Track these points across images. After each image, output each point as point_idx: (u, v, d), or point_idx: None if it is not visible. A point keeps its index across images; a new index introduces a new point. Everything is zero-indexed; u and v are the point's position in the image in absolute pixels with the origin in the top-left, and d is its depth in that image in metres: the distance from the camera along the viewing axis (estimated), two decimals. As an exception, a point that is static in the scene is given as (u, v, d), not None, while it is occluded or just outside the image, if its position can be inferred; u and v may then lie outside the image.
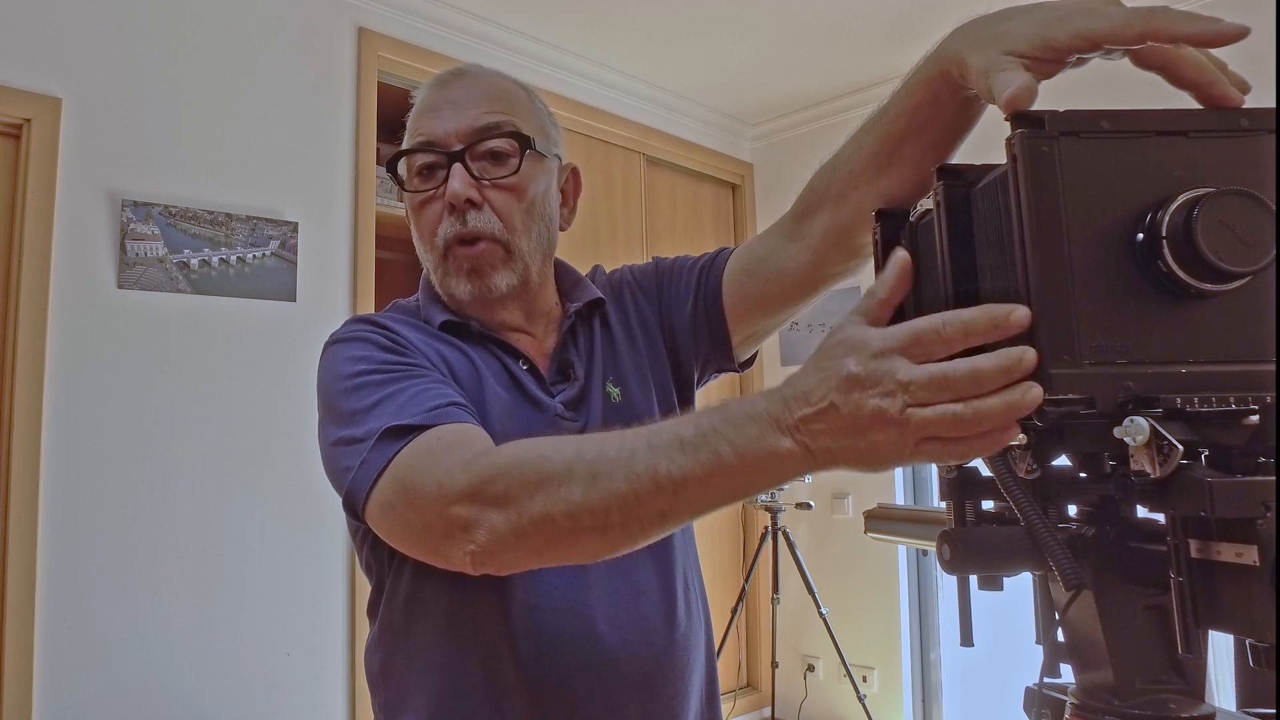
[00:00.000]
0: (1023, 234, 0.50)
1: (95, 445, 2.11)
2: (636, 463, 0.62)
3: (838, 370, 0.54)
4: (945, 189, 0.58)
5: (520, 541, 0.67)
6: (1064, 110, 0.51)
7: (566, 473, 0.65)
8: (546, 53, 3.21)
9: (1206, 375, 0.49)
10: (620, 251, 3.50)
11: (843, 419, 0.54)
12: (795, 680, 3.71)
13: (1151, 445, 0.46)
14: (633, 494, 0.62)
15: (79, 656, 2.04)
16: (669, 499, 0.61)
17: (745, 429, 0.58)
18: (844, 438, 0.54)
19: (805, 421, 0.55)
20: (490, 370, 0.92)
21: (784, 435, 0.57)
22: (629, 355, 1.02)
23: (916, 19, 3.07)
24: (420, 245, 0.96)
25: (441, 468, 0.71)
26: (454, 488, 0.69)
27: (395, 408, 0.78)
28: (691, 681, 0.95)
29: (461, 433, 0.76)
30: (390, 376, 0.82)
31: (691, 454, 0.60)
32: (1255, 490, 0.44)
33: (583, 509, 0.64)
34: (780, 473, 0.58)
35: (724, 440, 0.59)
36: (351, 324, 0.93)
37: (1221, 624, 0.46)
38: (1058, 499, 0.58)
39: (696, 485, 0.60)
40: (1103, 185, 0.51)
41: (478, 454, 0.71)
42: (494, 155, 0.93)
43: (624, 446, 0.64)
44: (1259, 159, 0.51)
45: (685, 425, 0.62)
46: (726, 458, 0.59)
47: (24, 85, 2.06)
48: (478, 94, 0.94)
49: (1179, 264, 0.48)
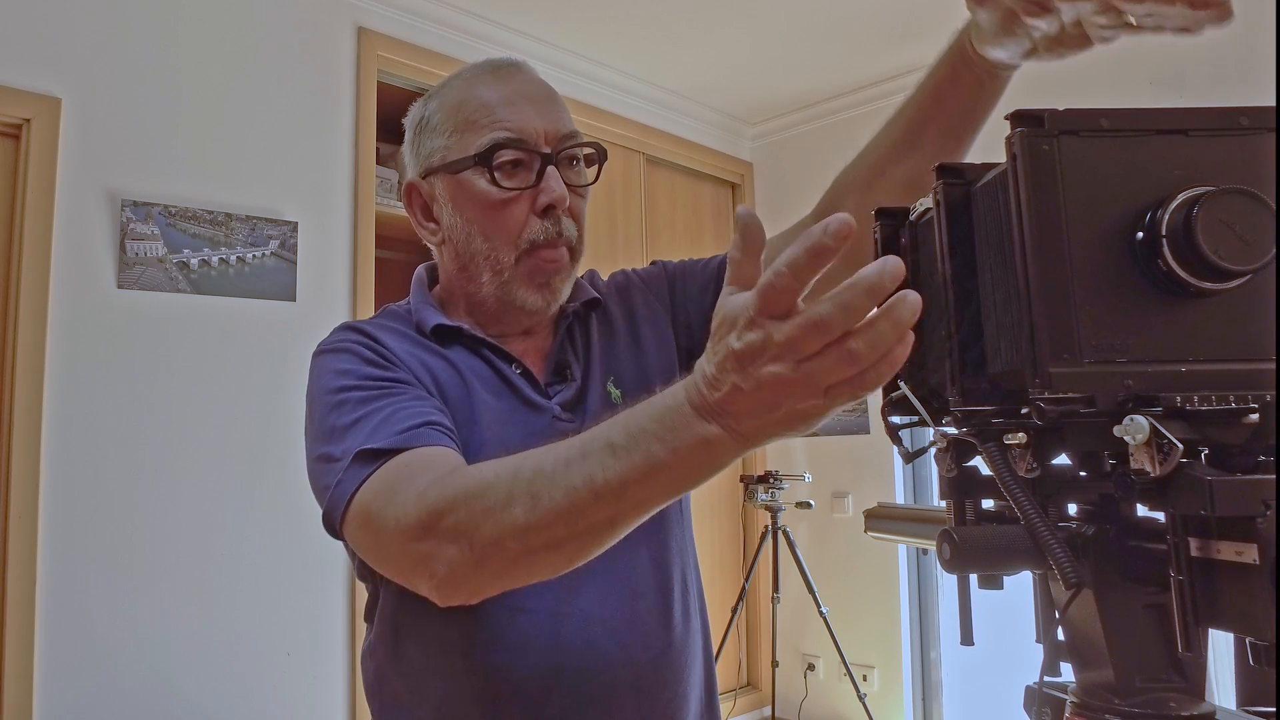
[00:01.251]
0: (1022, 233, 0.50)
1: (95, 445, 2.11)
2: (573, 475, 0.61)
3: (725, 350, 0.53)
4: (945, 188, 0.58)
5: (479, 570, 0.67)
6: (1064, 109, 0.51)
7: (508, 496, 0.64)
8: (546, 52, 3.21)
9: (1206, 374, 0.49)
10: (620, 251, 3.50)
11: (749, 397, 0.52)
12: (795, 679, 3.71)
13: (1151, 444, 0.46)
14: (574, 507, 0.61)
15: (79, 657, 2.04)
16: (613, 505, 0.61)
17: (672, 423, 0.57)
18: (761, 413, 0.53)
19: (721, 405, 0.54)
20: (479, 377, 0.91)
21: (709, 422, 0.55)
22: (631, 356, 1.01)
23: (917, 19, 3.07)
24: (487, 244, 0.91)
25: (398, 503, 0.71)
26: (407, 523, 0.69)
27: (371, 428, 0.78)
28: (690, 684, 0.94)
29: (425, 458, 0.75)
30: (369, 394, 0.82)
31: (625, 458, 0.59)
32: (1255, 489, 0.44)
33: (529, 529, 0.63)
34: (716, 459, 0.57)
35: (654, 438, 0.58)
36: (339, 333, 0.92)
37: (1221, 622, 0.46)
38: (1057, 498, 0.58)
39: (637, 487, 0.59)
40: (1102, 184, 0.51)
41: (427, 486, 0.70)
42: (573, 161, 0.93)
43: (559, 459, 0.63)
44: (1259, 157, 0.51)
45: (615, 429, 0.61)
46: (660, 456, 0.58)
47: (24, 85, 2.06)
48: (547, 94, 0.93)
49: (1179, 263, 0.48)
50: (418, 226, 0.98)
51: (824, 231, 0.48)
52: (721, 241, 4.02)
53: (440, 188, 0.93)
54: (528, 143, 0.89)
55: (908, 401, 0.67)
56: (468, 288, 0.95)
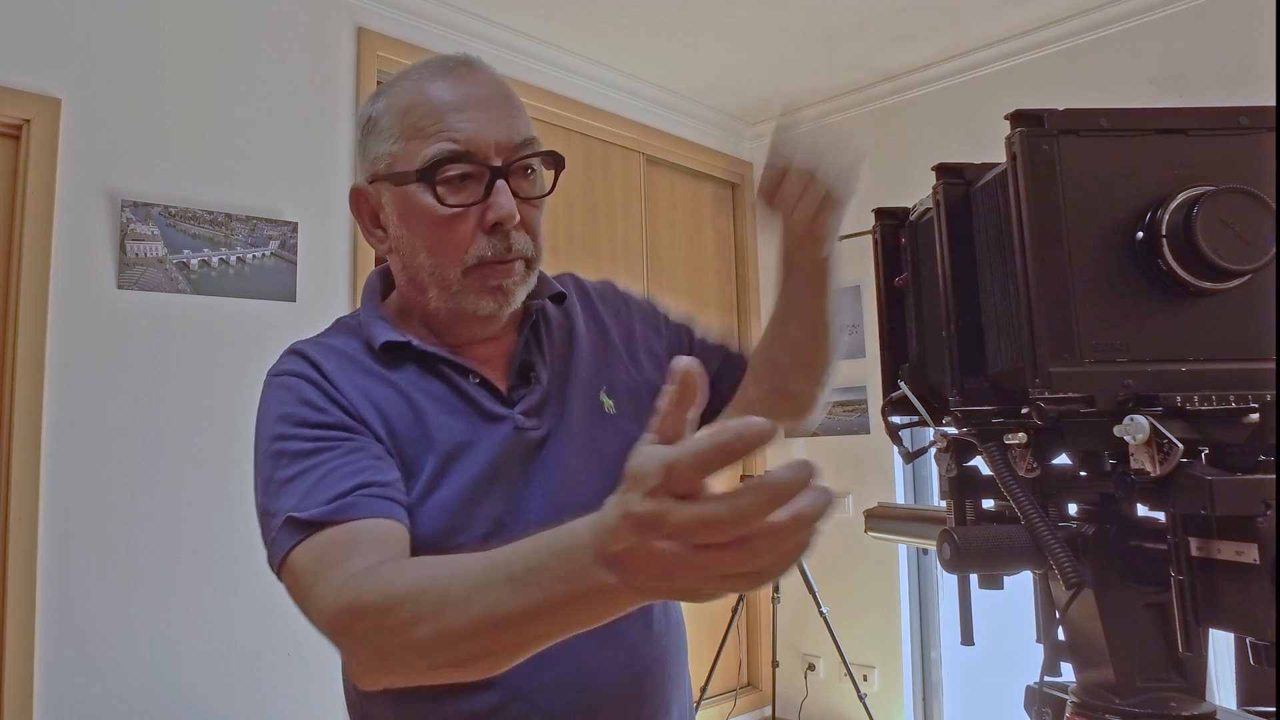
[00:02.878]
0: (1022, 232, 0.50)
1: (95, 445, 2.11)
2: (474, 605, 0.60)
3: (627, 507, 0.49)
4: (945, 187, 0.58)
5: (392, 674, 0.68)
6: (1064, 109, 0.51)
7: (414, 616, 0.64)
8: (546, 52, 3.21)
9: (1206, 373, 0.49)
10: (620, 251, 3.50)
11: (643, 561, 0.49)
12: (796, 679, 3.71)
13: (1151, 443, 0.46)
14: (477, 634, 0.61)
15: (80, 657, 2.04)
16: (516, 634, 0.60)
17: (572, 565, 0.55)
18: (655, 578, 0.50)
19: (618, 559, 0.51)
20: (433, 397, 0.87)
21: (608, 570, 0.53)
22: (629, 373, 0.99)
23: (916, 19, 3.07)
24: (431, 260, 0.87)
25: (320, 590, 0.72)
26: (328, 615, 0.70)
27: (303, 490, 0.77)
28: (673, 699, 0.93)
29: (353, 537, 0.74)
30: (304, 447, 0.80)
31: (524, 592, 0.58)
32: (1255, 488, 0.44)
33: (434, 649, 0.63)
34: (614, 607, 0.55)
35: (553, 578, 0.56)
36: (288, 360, 0.88)
37: (1221, 622, 0.45)
38: (1058, 497, 0.58)
39: (537, 622, 0.58)
40: (1102, 183, 0.51)
41: (345, 583, 0.70)
42: (527, 170, 0.88)
43: (465, 584, 0.62)
44: (1258, 157, 0.51)
45: (518, 559, 0.60)
46: (556, 596, 0.56)
47: (24, 86, 2.06)
48: (503, 97, 0.88)
49: (1179, 262, 0.48)
50: (366, 234, 0.92)
51: (738, 436, 0.45)
52: (721, 241, 4.03)
53: (386, 196, 0.88)
54: (476, 155, 0.84)
55: (908, 401, 0.67)
56: (418, 298, 0.91)
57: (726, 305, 4.01)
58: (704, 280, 3.91)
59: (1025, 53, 3.21)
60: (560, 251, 3.10)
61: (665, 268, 3.72)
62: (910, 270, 0.69)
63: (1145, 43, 2.94)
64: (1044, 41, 3.16)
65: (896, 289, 0.72)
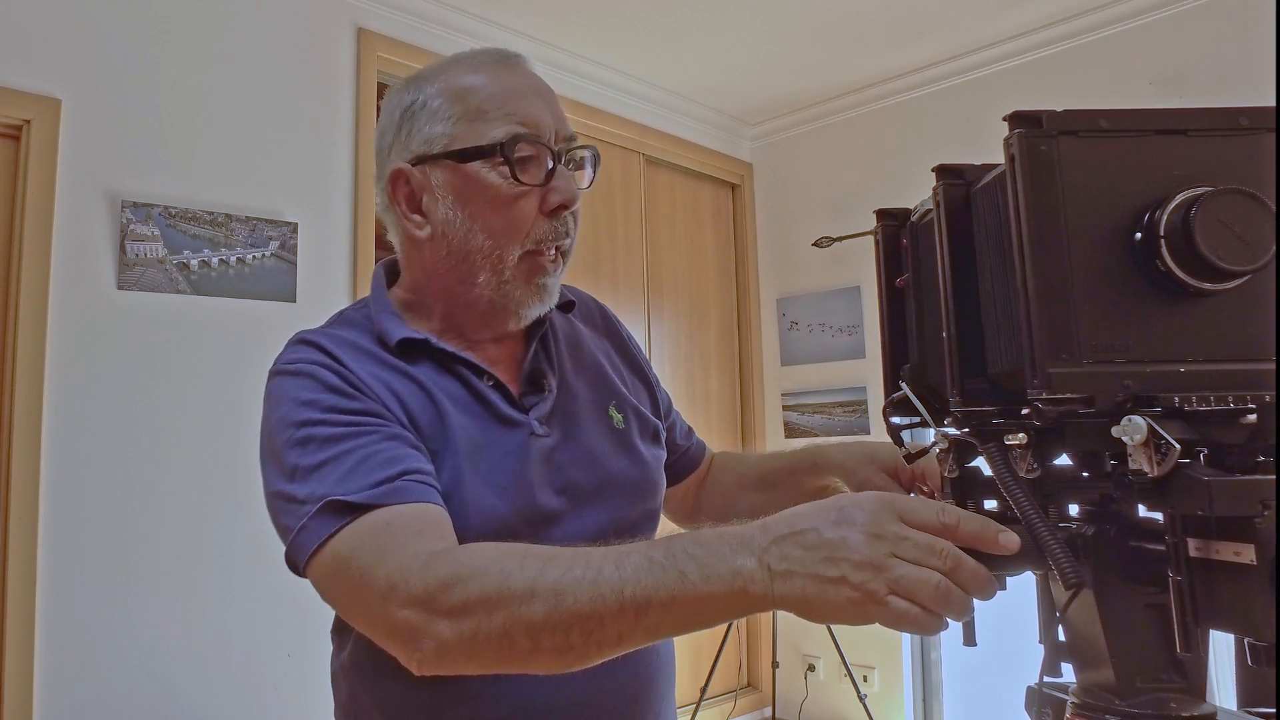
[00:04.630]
0: (1020, 233, 0.50)
1: (95, 445, 2.11)
2: (603, 583, 0.61)
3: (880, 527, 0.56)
4: (945, 188, 0.58)
5: (469, 658, 0.65)
6: (1062, 110, 0.51)
7: (529, 591, 0.62)
8: (547, 52, 3.21)
9: (1206, 374, 0.49)
10: (620, 252, 3.50)
11: (814, 541, 0.56)
12: (796, 680, 3.71)
13: (1149, 444, 0.46)
14: (595, 615, 0.61)
15: (80, 657, 2.04)
16: (630, 622, 0.60)
17: (714, 548, 0.59)
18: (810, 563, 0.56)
19: (776, 541, 0.57)
20: (450, 395, 0.86)
21: (749, 555, 0.57)
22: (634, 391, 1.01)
23: (917, 19, 3.07)
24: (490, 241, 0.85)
25: (393, 564, 0.67)
26: (406, 591, 0.65)
27: (340, 474, 0.73)
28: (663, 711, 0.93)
29: (415, 518, 0.72)
30: (337, 431, 0.76)
31: (659, 573, 0.59)
32: (1253, 489, 0.44)
33: (544, 628, 0.61)
34: (738, 596, 0.58)
35: (691, 559, 0.59)
36: (297, 350, 0.84)
37: (1220, 623, 0.46)
38: (1059, 498, 0.58)
39: (658, 609, 0.60)
40: (1101, 184, 0.51)
41: (434, 554, 0.67)
42: (571, 165, 0.89)
43: (591, 565, 0.62)
44: (1259, 157, 0.51)
45: (657, 546, 0.62)
46: (692, 577, 0.58)
47: (24, 86, 2.06)
48: (550, 92, 0.90)
49: (1177, 263, 0.48)
50: (401, 218, 0.89)
51: (992, 536, 0.55)
52: (720, 242, 4.03)
53: (440, 178, 0.86)
54: (543, 138, 0.85)
55: (909, 402, 0.67)
56: (456, 288, 0.89)
57: (726, 306, 4.01)
58: (704, 281, 3.91)
59: (1026, 53, 3.21)
60: (560, 252, 3.08)
61: (665, 268, 3.73)
62: (911, 271, 0.69)
63: (1145, 43, 2.94)
64: (1045, 42, 3.16)
65: (898, 290, 0.72)
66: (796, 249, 3.87)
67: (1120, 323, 0.50)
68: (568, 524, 0.87)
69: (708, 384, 3.85)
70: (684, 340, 3.78)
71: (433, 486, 0.77)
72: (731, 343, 4.01)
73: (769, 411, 3.94)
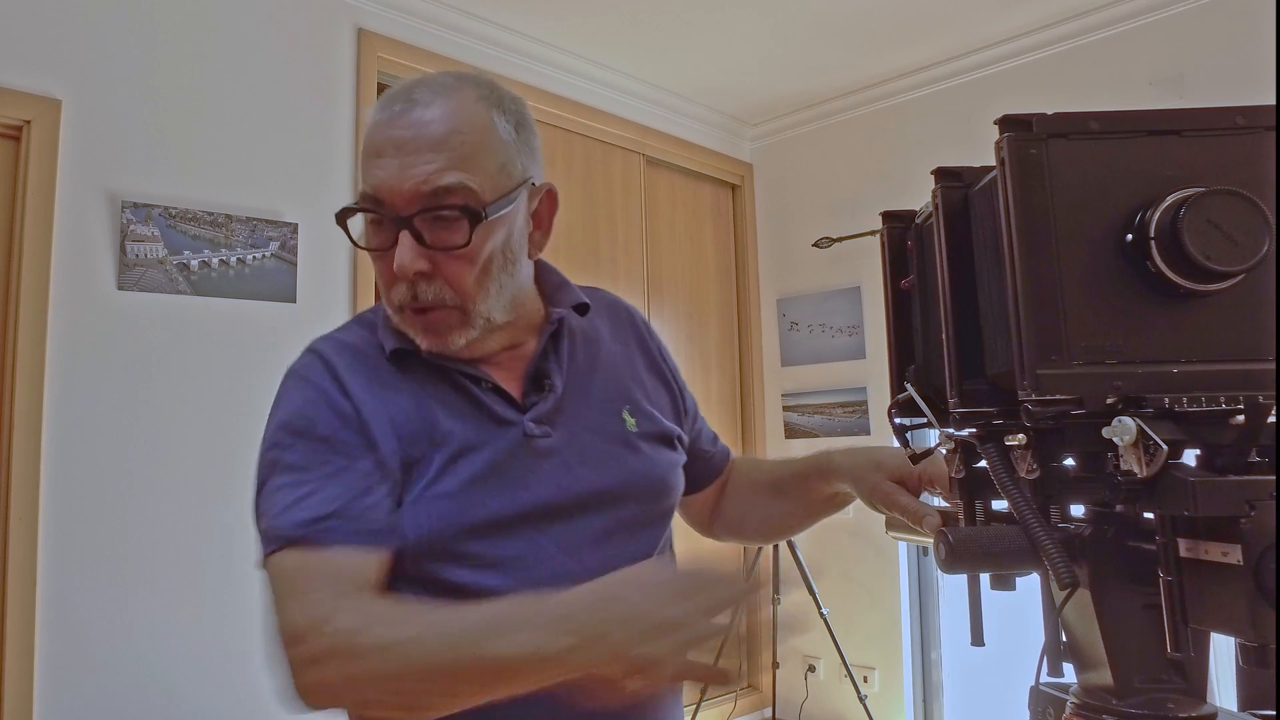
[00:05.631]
0: (1010, 235, 0.50)
1: (95, 446, 2.12)
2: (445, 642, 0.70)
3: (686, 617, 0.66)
4: (943, 191, 0.58)
5: (336, 699, 0.76)
6: (1053, 113, 0.52)
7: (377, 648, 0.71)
8: (546, 53, 3.22)
9: (1198, 375, 0.49)
10: (620, 252, 3.50)
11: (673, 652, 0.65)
12: (796, 680, 3.71)
13: (1139, 445, 0.46)
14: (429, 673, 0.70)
15: (79, 657, 2.04)
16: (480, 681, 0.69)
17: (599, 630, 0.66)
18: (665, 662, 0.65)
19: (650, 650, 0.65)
20: (443, 402, 0.87)
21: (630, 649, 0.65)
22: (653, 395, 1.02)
23: (917, 19, 3.07)
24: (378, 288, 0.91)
25: (292, 605, 0.76)
26: (291, 632, 0.75)
27: (285, 504, 0.80)
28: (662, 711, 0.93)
29: (320, 564, 0.78)
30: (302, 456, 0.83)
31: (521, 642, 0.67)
32: (1238, 489, 0.44)
33: (396, 678, 0.69)
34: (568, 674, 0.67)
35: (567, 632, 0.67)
36: (308, 357, 0.90)
37: (1209, 623, 0.46)
38: (1060, 498, 0.58)
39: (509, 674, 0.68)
40: (1093, 186, 0.51)
41: (320, 602, 0.75)
42: (444, 220, 0.83)
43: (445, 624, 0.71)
44: (1256, 157, 0.51)
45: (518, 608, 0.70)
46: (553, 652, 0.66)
47: (24, 87, 2.07)
48: (428, 138, 0.83)
49: (1168, 264, 0.48)
50: None
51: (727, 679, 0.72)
52: (720, 242, 4.03)
53: None
54: (385, 204, 0.83)
55: (914, 403, 0.67)
56: None
57: (726, 306, 4.01)
58: (704, 281, 3.91)
59: (1027, 53, 3.21)
60: (560, 252, 3.09)
61: (665, 269, 3.73)
62: (916, 273, 0.69)
63: (1146, 44, 2.94)
64: (1046, 42, 3.16)
65: (903, 291, 0.72)
66: (797, 249, 3.87)
67: (1113, 324, 0.50)
68: (567, 523, 0.88)
69: (708, 384, 3.85)
70: (684, 341, 3.78)
71: (361, 530, 0.81)
72: (731, 343, 4.01)
73: (769, 412, 3.95)
